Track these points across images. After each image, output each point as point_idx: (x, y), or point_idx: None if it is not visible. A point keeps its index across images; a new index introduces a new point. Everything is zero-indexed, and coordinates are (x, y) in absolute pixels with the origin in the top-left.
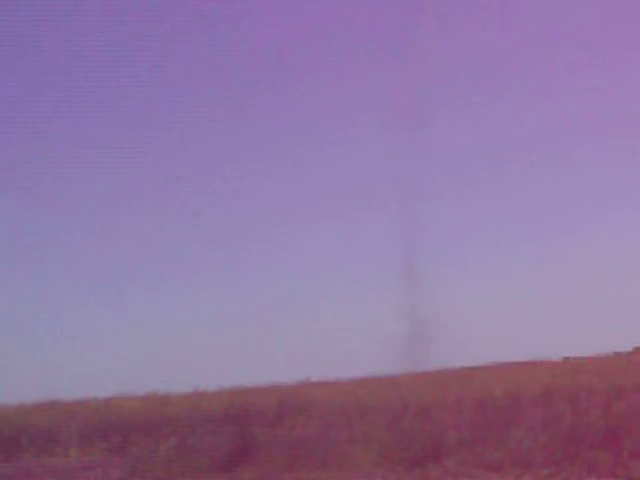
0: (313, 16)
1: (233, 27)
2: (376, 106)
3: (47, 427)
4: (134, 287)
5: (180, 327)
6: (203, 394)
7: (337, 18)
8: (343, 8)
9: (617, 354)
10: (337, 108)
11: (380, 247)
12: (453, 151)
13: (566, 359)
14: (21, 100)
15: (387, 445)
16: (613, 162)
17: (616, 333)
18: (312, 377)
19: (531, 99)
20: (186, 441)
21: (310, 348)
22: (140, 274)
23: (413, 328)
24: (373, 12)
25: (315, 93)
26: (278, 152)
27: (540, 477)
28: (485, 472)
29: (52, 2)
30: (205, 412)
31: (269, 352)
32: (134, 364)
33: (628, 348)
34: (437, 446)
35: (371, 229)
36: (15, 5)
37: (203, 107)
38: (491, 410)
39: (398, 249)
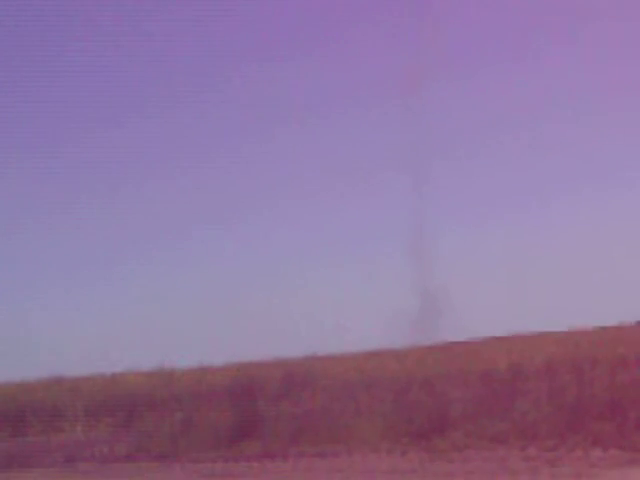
0: None
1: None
2: (380, 77)
3: (53, 403)
4: (139, 262)
5: (186, 301)
6: (209, 369)
7: None
8: None
9: (621, 326)
10: (342, 79)
11: (389, 220)
12: (462, 122)
13: (570, 331)
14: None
15: (392, 418)
16: (621, 134)
17: (620, 305)
18: (318, 351)
19: (540, 69)
20: (192, 416)
21: (317, 322)
22: (145, 249)
23: (422, 301)
24: None
25: (320, 66)
26: (282, 125)
27: (545, 448)
28: (490, 444)
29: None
30: (210, 387)
31: (275, 326)
32: (139, 340)
33: (632, 320)
34: (442, 419)
35: (380, 202)
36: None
37: (207, 84)
38: (496, 382)
39: (406, 222)
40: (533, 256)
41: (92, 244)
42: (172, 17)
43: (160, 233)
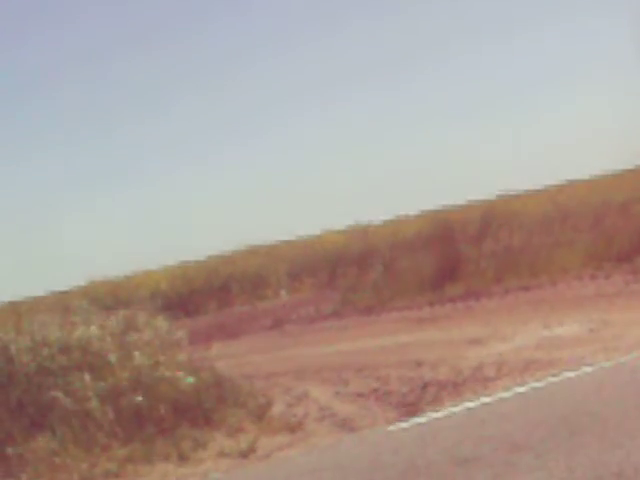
0: None
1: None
2: None
3: (255, 272)
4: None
5: (373, 158)
6: (403, 220)
7: None
8: None
9: None
10: None
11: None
12: None
13: None
14: None
15: (592, 245)
16: None
17: None
18: (510, 190)
19: None
20: (392, 266)
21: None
22: None
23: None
24: None
25: None
26: None
27: None
28: None
29: None
30: (408, 236)
31: (468, 170)
32: (335, 200)
33: None
34: None
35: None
36: None
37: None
38: None
39: None
40: None
41: None
42: None
43: None
